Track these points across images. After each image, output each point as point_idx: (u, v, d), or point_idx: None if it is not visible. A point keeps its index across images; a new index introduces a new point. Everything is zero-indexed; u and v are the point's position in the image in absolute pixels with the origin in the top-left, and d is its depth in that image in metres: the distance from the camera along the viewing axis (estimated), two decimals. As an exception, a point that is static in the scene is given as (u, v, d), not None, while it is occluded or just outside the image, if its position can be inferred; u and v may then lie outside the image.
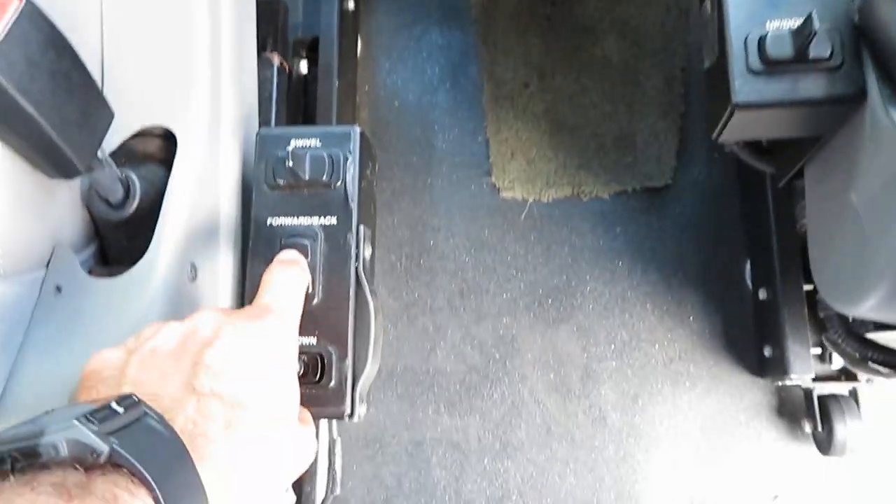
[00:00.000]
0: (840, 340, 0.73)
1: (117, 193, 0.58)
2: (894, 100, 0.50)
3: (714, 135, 0.60)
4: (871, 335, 0.70)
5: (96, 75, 0.61)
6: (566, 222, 1.09)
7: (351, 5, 1.14)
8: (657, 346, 1.03)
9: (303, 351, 0.56)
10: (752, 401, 1.00)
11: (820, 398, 0.94)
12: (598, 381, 1.04)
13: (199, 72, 0.61)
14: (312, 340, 0.57)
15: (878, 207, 0.53)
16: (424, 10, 1.19)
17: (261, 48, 0.89)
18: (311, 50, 1.06)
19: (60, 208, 0.57)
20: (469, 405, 1.05)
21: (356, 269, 0.57)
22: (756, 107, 0.54)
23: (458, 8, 1.18)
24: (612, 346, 1.04)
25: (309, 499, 0.94)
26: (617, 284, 1.06)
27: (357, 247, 0.58)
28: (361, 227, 0.58)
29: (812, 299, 0.92)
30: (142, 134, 0.61)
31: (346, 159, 0.58)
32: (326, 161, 0.58)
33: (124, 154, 0.60)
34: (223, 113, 0.63)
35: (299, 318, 0.49)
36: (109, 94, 0.58)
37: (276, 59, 0.92)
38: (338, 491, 0.79)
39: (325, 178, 0.58)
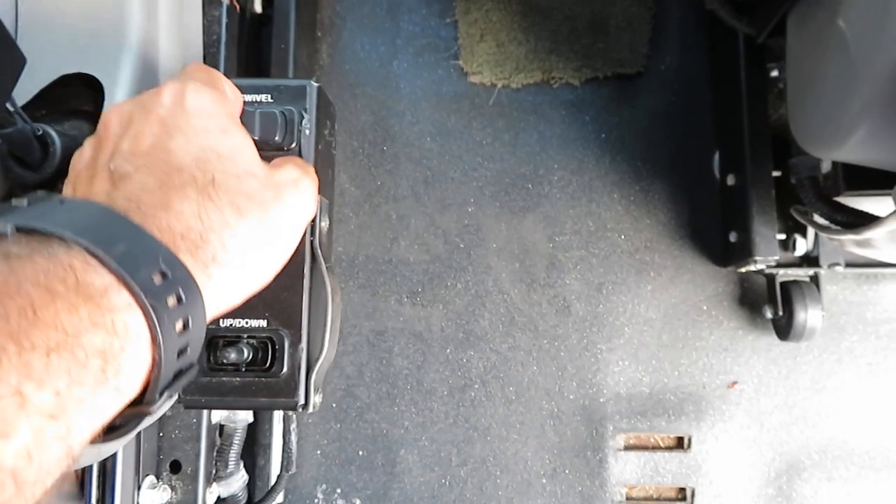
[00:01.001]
0: (811, 205, 0.72)
1: (33, 152, 0.49)
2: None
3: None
4: (841, 198, 0.70)
5: (8, 14, 0.53)
6: (535, 109, 1.05)
7: None
8: (623, 235, 1.02)
9: (250, 335, 0.50)
10: (715, 290, 1.00)
11: (782, 284, 0.94)
12: (563, 270, 1.02)
13: (129, 8, 0.52)
14: (262, 323, 0.50)
15: (867, 23, 0.51)
16: None
17: None
18: None
19: None
20: (432, 295, 1.03)
21: (311, 243, 0.50)
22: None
23: None
24: (578, 236, 1.03)
25: (263, 474, 0.91)
26: (584, 173, 1.04)
27: (313, 219, 0.50)
28: (318, 198, 0.50)
29: (780, 184, 0.91)
30: (63, 83, 0.52)
31: (301, 118, 0.50)
32: (279, 119, 0.49)
33: (43, 107, 0.52)
34: (160, 58, 0.55)
35: (213, 80, 0.40)
36: (24, 36, 0.50)
37: None
38: (293, 469, 0.76)
39: (277, 138, 0.49)
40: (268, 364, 0.50)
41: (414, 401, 1.01)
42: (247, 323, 0.50)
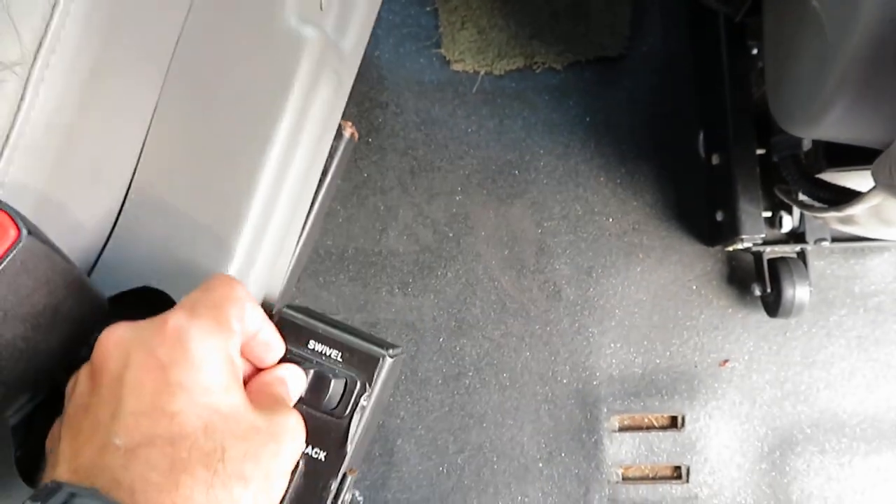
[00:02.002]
0: (794, 182, 0.73)
1: None
2: None
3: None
4: (823, 175, 0.70)
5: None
6: (519, 95, 1.05)
7: None
8: (611, 218, 1.02)
9: None
10: (703, 269, 1.01)
11: (769, 261, 0.95)
12: (552, 255, 1.02)
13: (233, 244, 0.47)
14: None
15: (840, 2, 0.51)
16: None
17: None
18: None
19: None
20: (423, 285, 1.03)
21: None
22: None
23: None
24: (566, 221, 1.03)
25: None
26: (570, 158, 1.04)
27: (336, 497, 0.46)
28: (348, 476, 0.47)
29: (764, 162, 0.91)
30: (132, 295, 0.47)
31: (363, 391, 0.46)
32: (331, 387, 0.45)
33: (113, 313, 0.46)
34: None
35: (228, 311, 0.37)
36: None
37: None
38: None
39: (327, 404, 0.45)
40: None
41: (409, 391, 1.01)
42: None
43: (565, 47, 1.04)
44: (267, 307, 0.48)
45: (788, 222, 0.94)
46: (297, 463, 0.43)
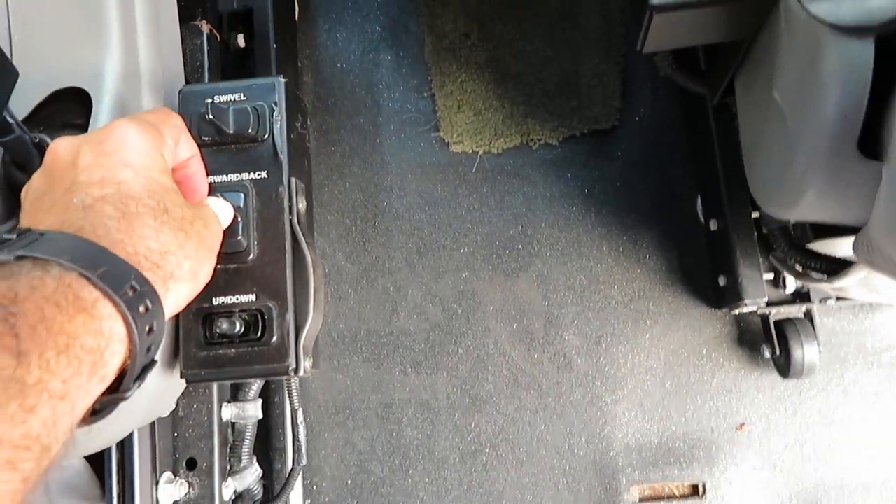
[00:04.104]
0: (784, 254, 0.74)
1: (34, 160, 0.54)
2: (806, -9, 0.50)
3: (639, 44, 0.60)
4: (812, 245, 0.71)
5: (3, 38, 0.58)
6: (517, 172, 1.08)
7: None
8: (616, 287, 1.04)
9: (241, 309, 0.55)
10: (712, 332, 1.01)
11: (776, 323, 0.95)
12: (560, 327, 1.04)
13: (109, 26, 0.58)
14: (251, 298, 0.56)
15: (797, 98, 0.53)
16: (360, -32, 1.17)
17: (190, 18, 0.87)
18: (247, 23, 1.03)
19: None
20: (435, 363, 1.05)
21: (290, 222, 0.56)
22: (672, 8, 0.54)
23: (394, -36, 1.16)
24: (572, 292, 1.04)
25: (277, 472, 0.93)
26: (572, 229, 1.06)
27: (290, 199, 0.56)
28: (293, 180, 0.57)
29: (761, 226, 0.92)
30: (56, 100, 0.58)
31: (272, 111, 0.57)
32: (251, 114, 0.56)
33: (39, 123, 0.58)
34: (142, 69, 0.61)
35: (161, 126, 0.46)
36: (15, 57, 0.56)
37: (205, 28, 0.89)
38: (304, 461, 0.78)
39: (251, 131, 0.56)
40: (259, 334, 0.55)
41: (427, 470, 1.02)
42: (237, 299, 0.56)
43: (559, 123, 1.07)
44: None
45: (792, 283, 0.94)
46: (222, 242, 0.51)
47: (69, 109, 0.59)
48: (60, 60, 0.58)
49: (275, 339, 0.55)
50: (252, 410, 0.84)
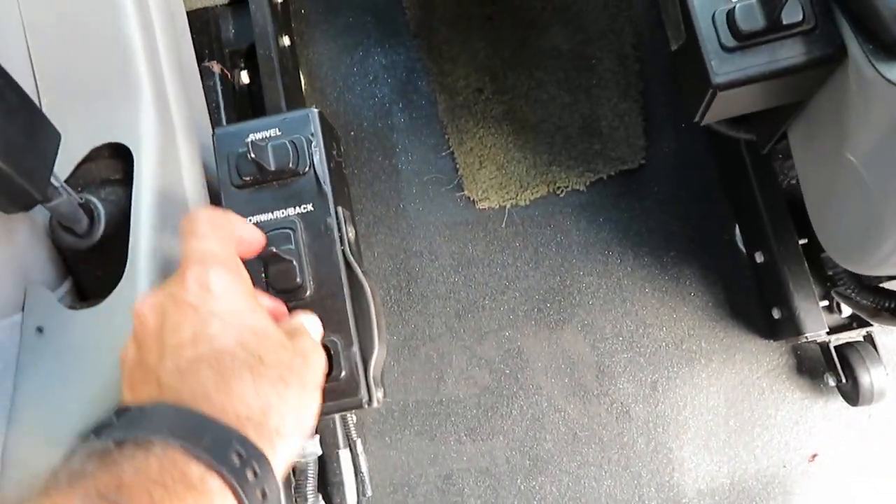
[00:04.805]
0: (853, 294, 0.72)
1: (81, 221, 0.54)
2: (877, 53, 0.48)
3: (697, 118, 0.58)
4: (886, 284, 0.69)
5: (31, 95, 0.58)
6: (548, 222, 1.06)
7: (286, 41, 1.09)
8: (664, 328, 1.01)
9: None
10: (770, 364, 0.99)
11: (837, 349, 0.92)
12: (613, 376, 1.01)
13: (140, 80, 0.58)
14: None
15: (881, 162, 0.51)
16: (362, 31, 1.15)
17: (199, 59, 0.86)
18: (250, 58, 1.02)
19: (25, 246, 0.54)
20: (490, 427, 1.02)
21: (343, 252, 0.55)
22: (737, 84, 0.52)
23: (396, 23, 1.14)
24: (620, 338, 1.02)
25: None
26: (612, 274, 1.04)
27: (340, 230, 0.55)
28: (340, 209, 0.56)
29: (810, 253, 0.90)
30: (94, 157, 0.57)
31: (309, 142, 0.56)
32: (290, 148, 0.55)
33: (81, 180, 0.57)
34: (174, 119, 0.60)
35: (224, 239, 0.45)
36: (49, 114, 0.55)
37: (216, 68, 0.89)
38: (369, 492, 0.75)
39: (291, 165, 0.55)
40: (327, 370, 0.53)
41: (496, 541, 0.99)
42: None
43: (585, 167, 1.05)
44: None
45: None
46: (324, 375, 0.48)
47: (108, 165, 0.58)
48: (95, 118, 0.57)
49: (344, 373, 0.54)
50: (311, 448, 0.82)
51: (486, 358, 1.04)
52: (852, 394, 0.91)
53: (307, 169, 0.55)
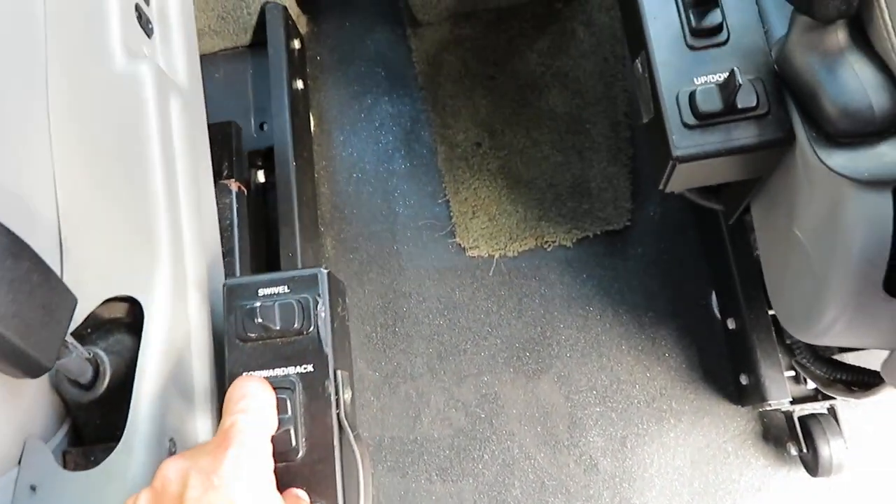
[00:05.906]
0: (808, 364, 0.75)
1: (87, 374, 0.56)
2: (820, 141, 0.53)
3: (661, 186, 0.63)
4: (838, 356, 0.72)
5: (55, 251, 0.59)
6: (534, 274, 1.10)
7: (300, 85, 1.16)
8: (637, 386, 1.04)
9: None
10: (736, 430, 1.01)
11: (801, 419, 0.95)
12: (584, 428, 1.04)
13: (160, 237, 0.60)
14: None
15: (820, 241, 0.55)
16: (372, 81, 1.22)
17: (217, 173, 0.89)
18: (268, 159, 1.08)
19: (29, 402, 0.54)
20: (461, 469, 1.05)
21: (338, 416, 0.55)
22: (695, 158, 0.57)
23: (405, 76, 1.21)
24: (594, 392, 1.05)
25: None
26: (590, 330, 1.07)
27: (336, 393, 0.56)
28: (339, 373, 0.57)
29: (778, 324, 0.94)
30: (107, 303, 0.59)
31: (315, 303, 0.57)
32: (296, 308, 0.56)
33: (90, 323, 0.59)
34: (188, 271, 0.62)
35: (268, 428, 0.47)
36: (69, 267, 0.57)
37: (233, 186, 0.92)
38: None
39: (296, 325, 0.56)
40: None
41: (457, 583, 1.00)
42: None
43: (572, 225, 1.10)
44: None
45: (813, 379, 0.95)
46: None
47: (119, 309, 0.60)
48: (112, 268, 0.59)
49: None
50: None
51: (462, 400, 1.07)
52: (813, 464, 0.93)
53: (311, 329, 0.56)
